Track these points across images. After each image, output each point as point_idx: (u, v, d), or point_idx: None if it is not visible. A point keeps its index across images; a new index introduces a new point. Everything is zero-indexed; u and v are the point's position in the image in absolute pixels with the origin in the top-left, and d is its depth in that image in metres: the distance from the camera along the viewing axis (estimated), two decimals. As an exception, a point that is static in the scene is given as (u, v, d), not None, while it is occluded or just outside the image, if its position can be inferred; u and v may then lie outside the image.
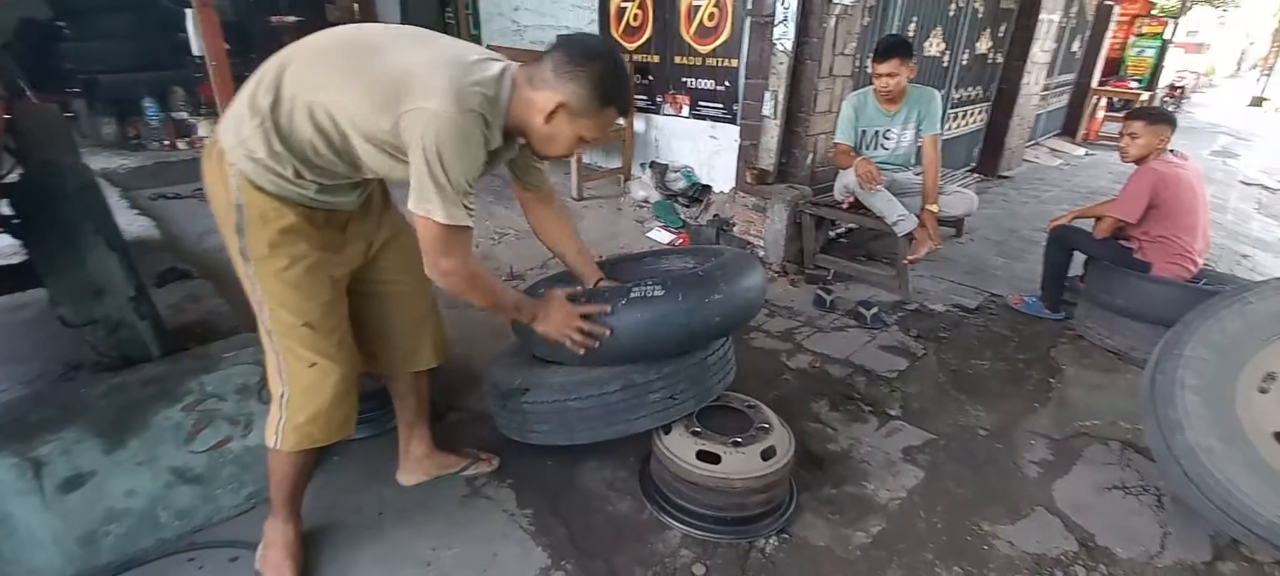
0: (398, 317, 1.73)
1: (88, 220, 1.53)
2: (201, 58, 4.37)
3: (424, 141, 1.23)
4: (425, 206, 1.28)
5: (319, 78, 1.30)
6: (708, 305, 1.70)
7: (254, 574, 1.60)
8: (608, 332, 1.66)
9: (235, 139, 1.32)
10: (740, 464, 1.76)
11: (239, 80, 4.56)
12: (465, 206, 1.31)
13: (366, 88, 1.27)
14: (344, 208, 1.49)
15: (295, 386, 1.47)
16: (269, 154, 1.31)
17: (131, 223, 3.07)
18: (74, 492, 1.54)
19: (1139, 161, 2.95)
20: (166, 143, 4.54)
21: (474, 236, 1.48)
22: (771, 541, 1.83)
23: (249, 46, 5.89)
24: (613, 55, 1.41)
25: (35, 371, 1.78)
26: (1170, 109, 8.39)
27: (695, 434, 1.83)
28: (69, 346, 1.79)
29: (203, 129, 4.62)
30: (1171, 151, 2.95)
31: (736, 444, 1.80)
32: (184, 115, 4.70)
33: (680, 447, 1.81)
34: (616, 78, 1.39)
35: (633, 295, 1.67)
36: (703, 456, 1.78)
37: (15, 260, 1.73)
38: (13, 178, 1.63)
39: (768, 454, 1.80)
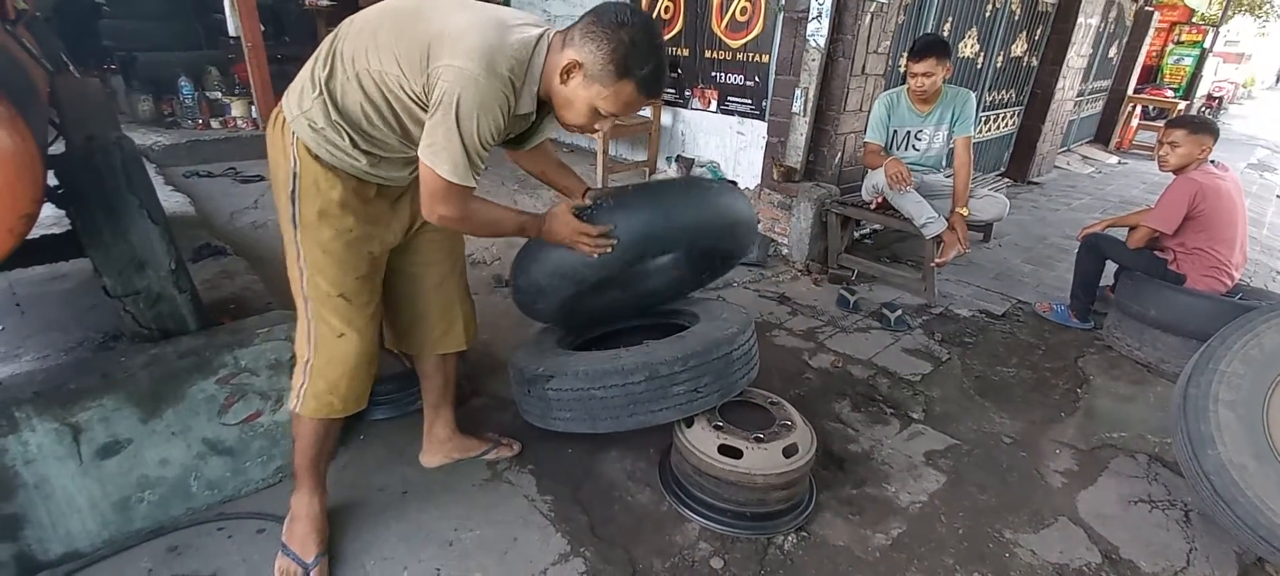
0: (431, 299, 1.77)
1: (133, 193, 1.56)
2: (237, 39, 4.45)
3: (446, 96, 1.25)
4: (433, 157, 1.30)
5: (365, 46, 1.33)
6: (700, 200, 1.78)
7: (280, 546, 1.64)
8: (613, 231, 1.67)
9: (298, 109, 1.38)
10: (762, 460, 1.76)
11: (273, 62, 4.64)
12: (474, 167, 1.33)
13: (407, 50, 1.29)
14: (395, 182, 1.53)
15: (321, 354, 1.52)
16: (327, 123, 1.36)
17: (167, 199, 3.13)
18: (111, 459, 1.58)
19: (1178, 171, 2.89)
20: (200, 122, 4.61)
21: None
22: (790, 538, 1.83)
23: (283, 29, 5.99)
24: (646, 29, 1.33)
25: (76, 340, 1.82)
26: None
27: (717, 428, 1.83)
28: (108, 316, 1.83)
29: (236, 109, 4.69)
30: (1212, 162, 2.88)
31: (759, 440, 1.80)
32: (218, 95, 4.77)
33: (702, 441, 1.81)
34: (642, 51, 1.32)
35: (630, 192, 1.75)
36: (725, 450, 1.78)
37: (58, 230, 1.78)
38: (57, 149, 1.67)
39: (789, 451, 1.79)
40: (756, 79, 4.20)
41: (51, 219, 1.71)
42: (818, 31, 3.59)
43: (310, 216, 1.43)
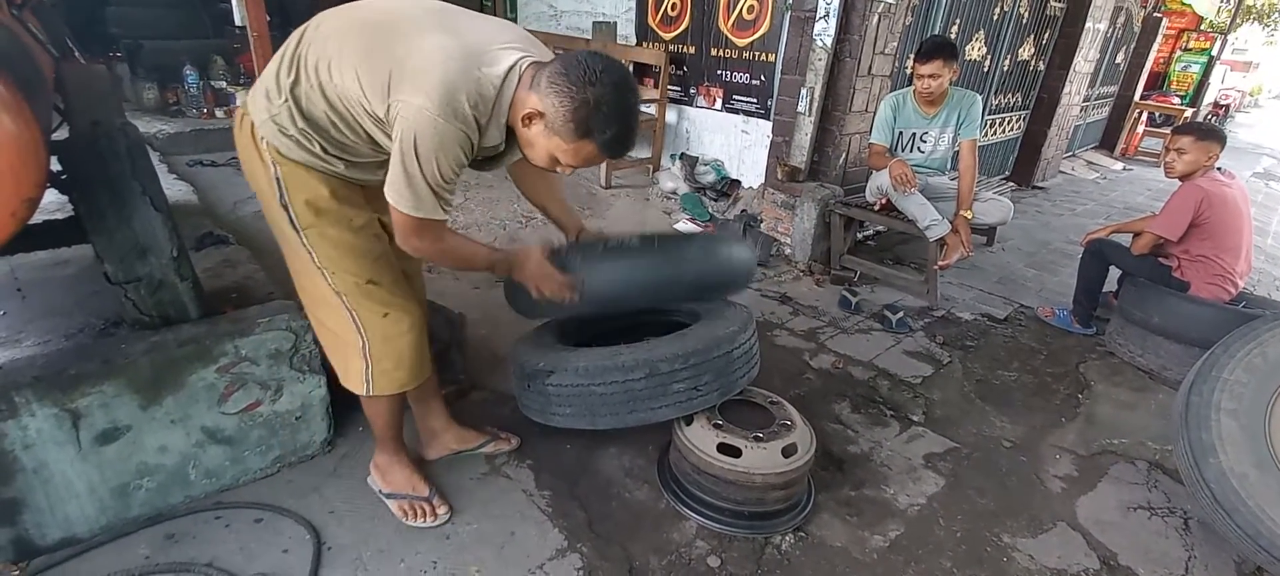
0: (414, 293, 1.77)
1: (136, 180, 1.56)
2: (243, 28, 4.44)
3: (404, 136, 1.22)
4: (397, 197, 1.28)
5: (330, 57, 1.28)
6: (681, 261, 1.76)
7: (384, 495, 1.77)
8: (579, 283, 1.68)
9: (266, 113, 1.35)
10: (761, 459, 1.76)
11: (279, 52, 4.63)
12: (439, 200, 1.30)
13: (370, 72, 1.25)
14: (374, 183, 1.47)
15: (375, 336, 1.55)
16: (297, 130, 1.34)
17: (170, 187, 3.13)
18: (110, 445, 1.58)
19: (1184, 177, 2.87)
20: (205, 111, 4.61)
21: (498, 219, 1.49)
22: (788, 538, 1.82)
23: (289, 19, 5.95)
24: (617, 90, 1.26)
25: (77, 325, 1.83)
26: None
27: (717, 426, 1.83)
28: (110, 303, 1.83)
29: (241, 99, 4.69)
30: (1218, 169, 2.87)
31: (758, 439, 1.79)
32: (223, 84, 4.77)
33: (701, 439, 1.81)
34: (606, 113, 1.26)
35: (609, 246, 1.73)
36: (724, 449, 1.78)
37: (61, 216, 1.78)
38: (61, 135, 1.67)
39: (789, 451, 1.79)
40: (762, 78, 4.19)
41: (55, 204, 1.71)
42: (825, 31, 3.58)
43: (309, 216, 1.42)
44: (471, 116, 1.25)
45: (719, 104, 4.54)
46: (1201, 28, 9.94)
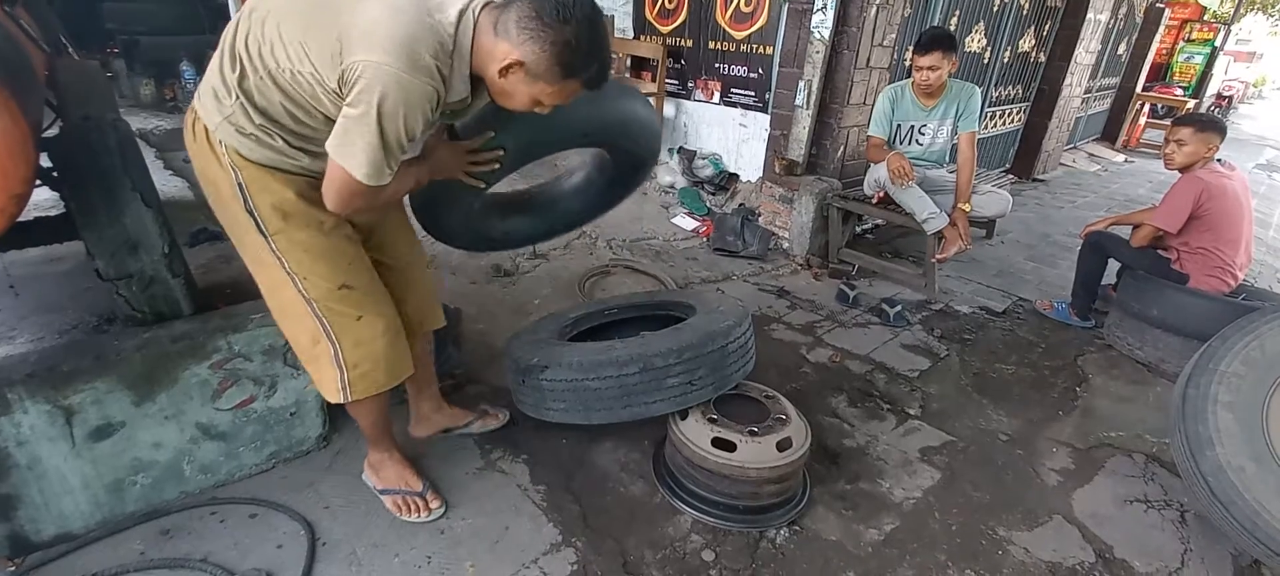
0: (406, 285, 1.74)
1: (126, 175, 1.56)
2: (239, 23, 4.44)
3: (366, 93, 1.13)
4: (346, 156, 1.18)
5: (270, 40, 1.20)
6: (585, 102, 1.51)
7: (377, 492, 1.77)
8: (499, 154, 1.56)
9: (218, 116, 1.27)
10: (755, 453, 1.76)
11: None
12: (390, 166, 1.22)
13: (316, 43, 1.17)
14: None
15: (346, 341, 1.48)
16: (255, 127, 1.27)
17: (165, 183, 3.13)
18: (104, 441, 1.58)
19: (1184, 169, 2.86)
20: (202, 105, 4.61)
21: None
22: (782, 532, 1.82)
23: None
24: (589, 19, 1.21)
25: (70, 322, 1.83)
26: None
27: (712, 421, 1.82)
28: (103, 299, 1.84)
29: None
30: (1219, 161, 2.85)
31: (753, 433, 1.79)
32: (220, 79, 4.78)
33: (696, 433, 1.81)
34: (588, 50, 1.23)
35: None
36: (718, 443, 1.78)
37: (54, 212, 1.78)
38: (53, 132, 1.67)
39: (783, 445, 1.79)
40: (760, 71, 4.17)
41: (48, 200, 1.71)
42: (822, 23, 3.56)
43: (276, 221, 1.35)
44: (435, 68, 1.18)
45: (717, 97, 4.52)
46: (1205, 18, 9.90)
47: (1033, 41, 5.56)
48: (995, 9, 4.78)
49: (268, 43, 1.20)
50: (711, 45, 4.42)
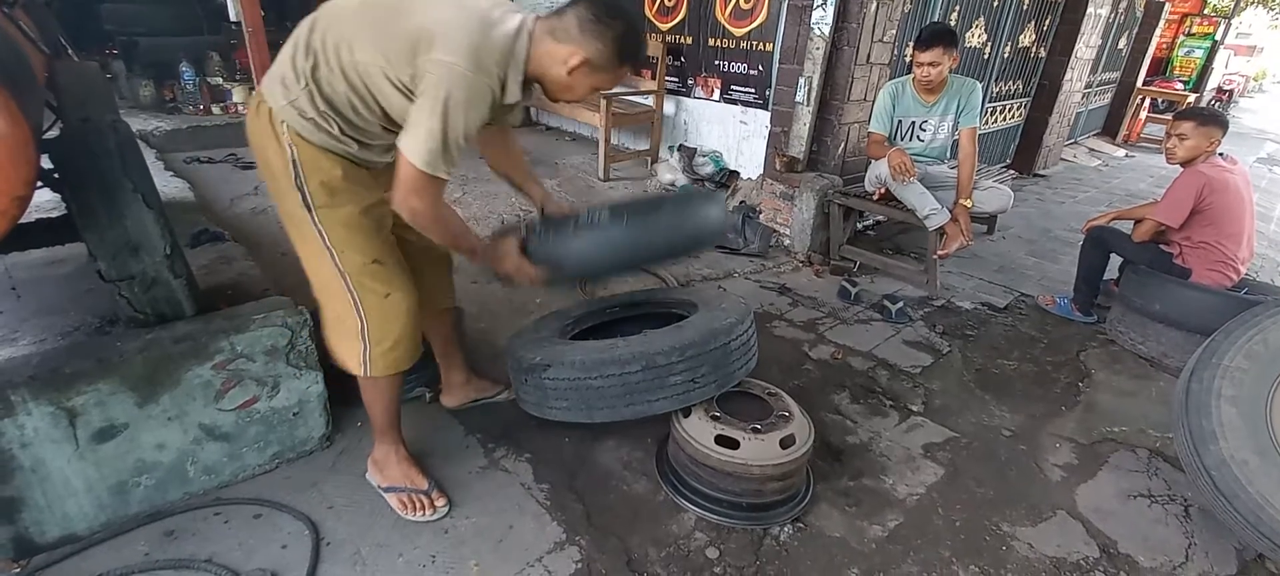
0: (426, 261, 1.85)
1: (127, 177, 1.55)
2: (238, 24, 4.43)
3: (435, 89, 1.29)
4: (413, 147, 1.33)
5: (349, 38, 1.36)
6: (652, 229, 1.76)
7: (381, 490, 1.79)
8: (555, 270, 1.73)
9: (284, 99, 1.40)
10: (759, 451, 1.76)
11: (274, 47, 4.60)
12: (449, 160, 1.36)
13: (393, 42, 1.33)
14: (378, 163, 1.57)
15: (373, 318, 1.59)
16: (317, 112, 1.40)
17: (166, 184, 3.12)
18: (107, 443, 1.58)
19: (1186, 164, 2.85)
20: (201, 107, 4.61)
21: (496, 213, 1.50)
22: (786, 529, 1.82)
23: (284, 14, 5.94)
24: (634, 15, 1.48)
25: (72, 324, 1.82)
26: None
27: (715, 418, 1.82)
28: (105, 301, 1.83)
29: (237, 94, 4.68)
30: (1220, 155, 2.85)
31: (756, 430, 1.79)
32: (219, 80, 4.76)
33: (699, 431, 1.81)
34: (637, 37, 1.49)
35: (579, 224, 1.74)
36: (721, 441, 1.78)
37: (55, 214, 1.77)
38: (53, 133, 1.66)
39: (787, 442, 1.79)
40: (760, 68, 4.17)
41: (50, 203, 1.71)
42: (822, 19, 3.55)
43: (323, 196, 1.47)
44: (495, 71, 1.35)
45: (717, 94, 4.52)
46: (1205, 12, 9.88)
47: (1033, 36, 5.55)
48: (995, 4, 4.77)
49: (346, 40, 1.36)
50: (711, 42, 4.42)
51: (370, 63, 1.35)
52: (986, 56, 5.06)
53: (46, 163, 1.55)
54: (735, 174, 4.52)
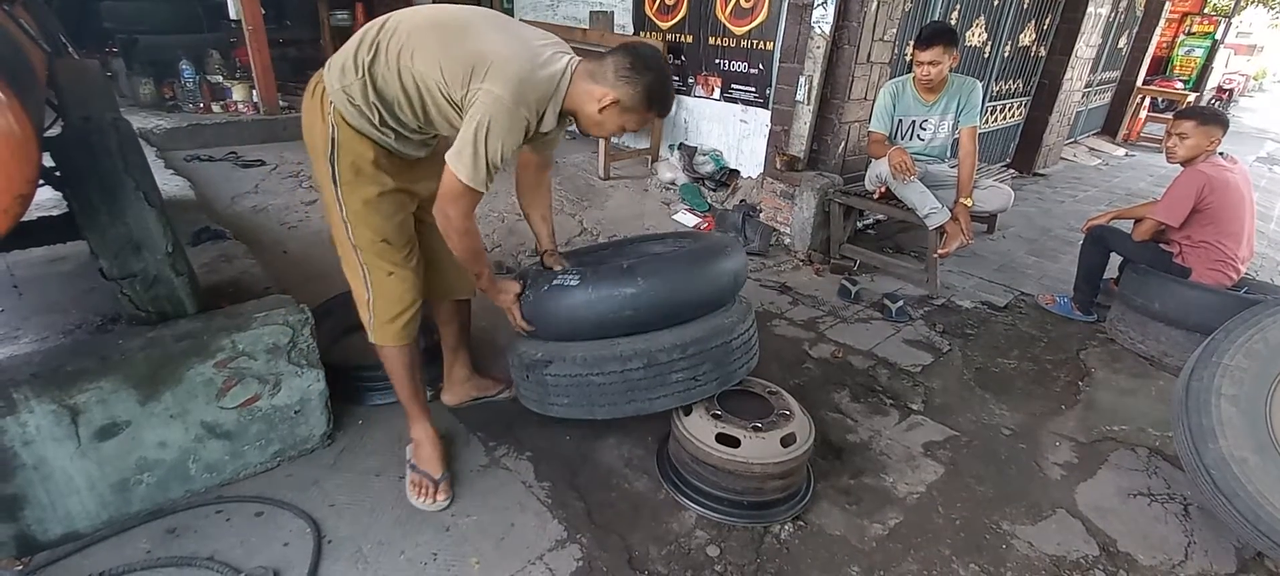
0: (442, 249, 1.86)
1: (128, 175, 1.55)
2: (238, 22, 4.42)
3: (480, 115, 1.45)
4: (458, 163, 1.49)
5: (413, 47, 1.51)
6: (618, 298, 1.77)
7: (410, 465, 1.87)
8: (533, 324, 1.88)
9: (339, 83, 1.55)
10: (759, 449, 1.76)
11: (274, 45, 4.61)
12: (488, 177, 1.53)
13: (451, 64, 1.49)
14: (412, 156, 1.73)
15: (379, 293, 1.74)
16: (364, 101, 1.55)
17: (167, 182, 3.12)
18: (109, 441, 1.58)
19: (1186, 163, 2.85)
20: (201, 105, 4.59)
21: (497, 211, 1.52)
22: (787, 527, 1.83)
23: (284, 12, 5.95)
24: (665, 69, 1.63)
25: (74, 322, 1.82)
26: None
27: (716, 416, 1.83)
28: (106, 299, 1.83)
29: (237, 92, 4.67)
30: (1221, 154, 2.85)
31: (757, 429, 1.79)
32: (219, 79, 4.75)
33: (700, 429, 1.81)
34: (665, 88, 1.63)
35: (553, 284, 1.84)
36: (722, 439, 1.78)
37: (56, 212, 1.77)
38: (54, 131, 1.67)
39: (787, 440, 1.79)
40: (760, 66, 4.16)
41: (51, 201, 1.71)
42: (823, 18, 3.55)
43: (349, 175, 1.61)
44: (535, 106, 1.54)
45: (717, 93, 4.51)
46: (1205, 11, 9.87)
47: (1033, 35, 5.55)
48: (996, 3, 4.77)
49: (409, 49, 1.51)
50: (712, 41, 4.41)
51: (427, 74, 1.50)
52: (987, 55, 5.06)
53: (48, 161, 1.55)
54: (735, 173, 4.52)
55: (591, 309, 1.79)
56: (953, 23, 4.35)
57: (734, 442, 1.77)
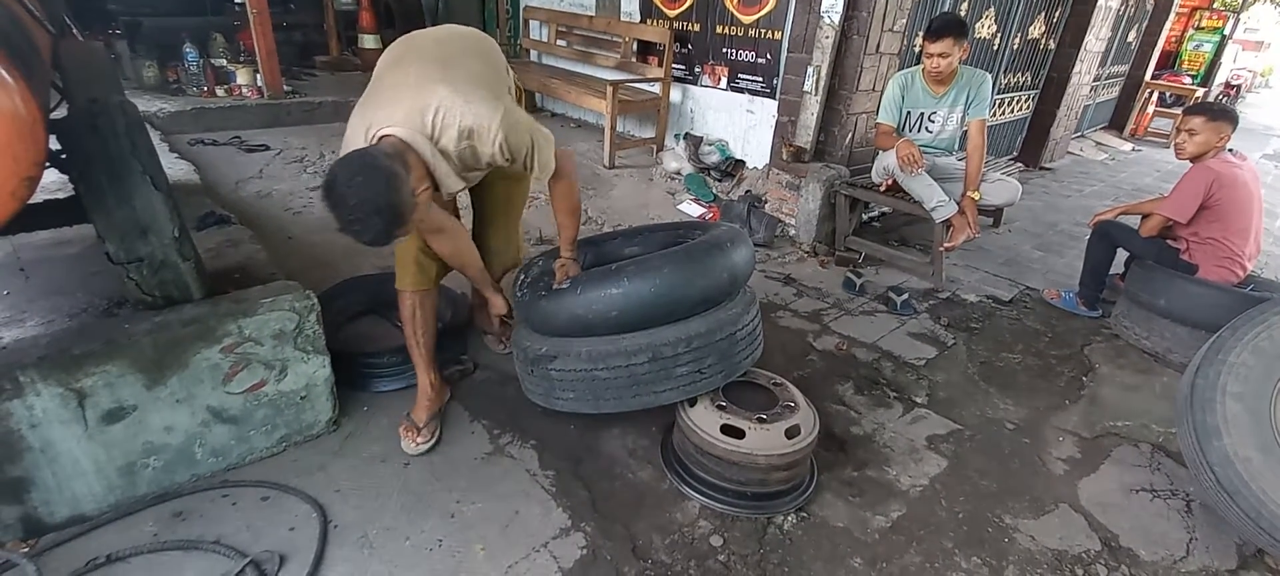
0: (499, 211, 2.18)
1: (135, 158, 1.54)
2: (242, 5, 4.40)
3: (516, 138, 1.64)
4: (542, 164, 1.74)
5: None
6: (605, 299, 1.78)
7: (405, 415, 2.00)
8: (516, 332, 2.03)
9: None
10: (764, 440, 1.76)
11: (279, 29, 4.59)
12: (550, 156, 1.73)
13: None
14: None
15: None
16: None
17: (172, 166, 3.12)
18: (116, 424, 1.59)
19: (1195, 159, 2.83)
20: (205, 89, 4.58)
21: None
22: (790, 519, 1.83)
23: (287, -4, 5.91)
24: (347, 193, 1.41)
25: (80, 305, 1.82)
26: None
27: (721, 408, 1.83)
28: (113, 283, 1.83)
29: (241, 76, 4.65)
30: (1230, 151, 2.83)
31: (761, 420, 1.79)
32: (223, 62, 4.73)
33: (705, 420, 1.81)
34: (338, 214, 1.44)
35: (544, 293, 1.90)
36: (727, 430, 1.78)
37: (62, 195, 1.77)
38: (60, 114, 1.66)
39: (792, 432, 1.79)
40: (768, 56, 4.13)
41: (56, 183, 1.71)
42: (832, 8, 3.52)
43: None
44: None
45: (724, 83, 4.49)
46: (1214, 6, 9.79)
47: (1043, 28, 5.50)
48: (1005, -6, 4.72)
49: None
50: (719, 30, 4.38)
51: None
52: (996, 48, 5.02)
53: (54, 143, 1.55)
54: (741, 163, 4.50)
55: (568, 314, 1.84)
56: (963, 14, 4.30)
57: (739, 434, 1.77)
